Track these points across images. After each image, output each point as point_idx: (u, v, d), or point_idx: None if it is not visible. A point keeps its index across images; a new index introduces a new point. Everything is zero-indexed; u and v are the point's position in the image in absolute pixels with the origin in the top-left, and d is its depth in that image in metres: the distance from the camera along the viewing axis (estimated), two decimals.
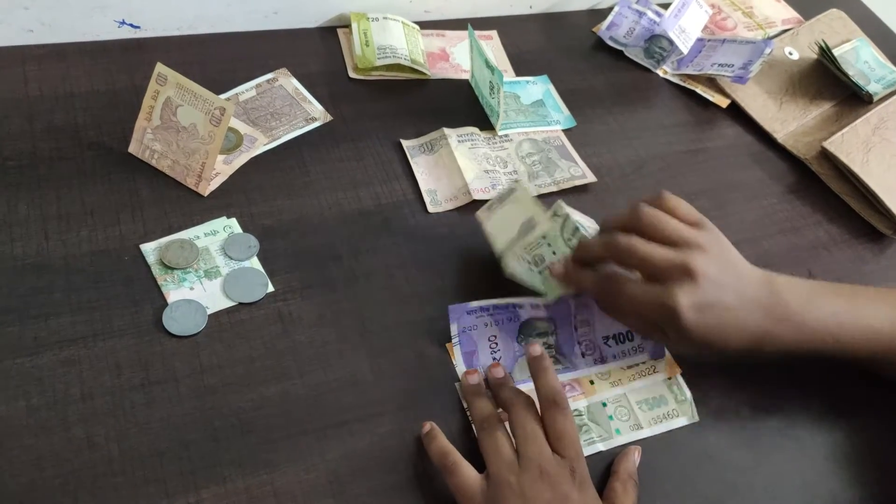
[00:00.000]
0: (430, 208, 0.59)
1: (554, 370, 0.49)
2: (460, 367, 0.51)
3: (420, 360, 0.51)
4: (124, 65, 0.63)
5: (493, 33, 0.76)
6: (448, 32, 0.74)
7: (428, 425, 0.47)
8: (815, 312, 0.49)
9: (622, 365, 0.52)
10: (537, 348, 0.50)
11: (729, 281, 0.47)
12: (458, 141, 0.63)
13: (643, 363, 0.53)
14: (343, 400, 0.48)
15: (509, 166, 0.63)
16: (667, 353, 0.54)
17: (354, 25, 0.69)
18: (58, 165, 0.55)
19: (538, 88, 0.72)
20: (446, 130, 0.64)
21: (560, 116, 0.70)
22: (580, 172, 0.65)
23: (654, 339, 0.53)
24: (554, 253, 0.51)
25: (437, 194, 0.60)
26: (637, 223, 0.48)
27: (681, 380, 0.53)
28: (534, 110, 0.69)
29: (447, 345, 0.51)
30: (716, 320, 0.46)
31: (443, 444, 0.46)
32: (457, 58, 0.72)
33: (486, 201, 0.57)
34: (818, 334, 0.49)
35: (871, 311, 0.50)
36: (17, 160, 0.55)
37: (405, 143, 0.63)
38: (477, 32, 0.74)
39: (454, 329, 0.51)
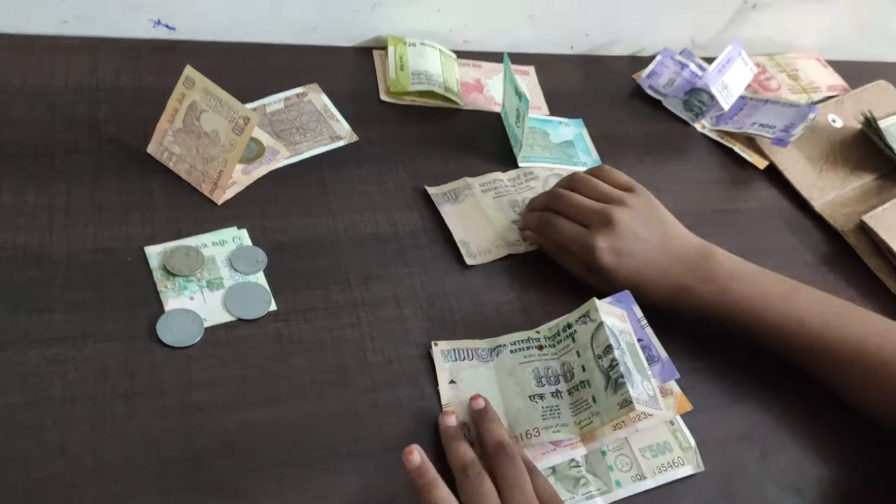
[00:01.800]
0: (468, 260, 0.56)
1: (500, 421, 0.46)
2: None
3: (420, 401, 0.48)
4: (154, 65, 0.62)
5: (531, 69, 0.75)
6: (485, 64, 0.73)
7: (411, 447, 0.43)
8: (744, 287, 0.53)
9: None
10: (480, 401, 0.47)
11: (649, 236, 0.54)
12: (482, 191, 0.61)
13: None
14: (334, 433, 0.45)
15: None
16: (675, 388, 0.50)
17: (391, 49, 0.68)
18: (73, 158, 0.54)
19: (570, 130, 0.70)
20: (469, 180, 0.61)
21: (588, 159, 0.68)
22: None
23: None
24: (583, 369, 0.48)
25: (470, 246, 0.57)
26: (575, 184, 0.57)
27: (682, 423, 0.49)
28: (561, 150, 0.68)
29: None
30: (634, 266, 0.53)
31: (424, 460, 0.42)
32: (491, 90, 0.71)
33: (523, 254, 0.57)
34: (740, 306, 0.52)
35: (806, 306, 0.52)
36: (34, 148, 0.54)
37: (431, 191, 0.60)
38: (514, 66, 0.73)
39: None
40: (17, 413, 0.42)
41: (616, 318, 0.49)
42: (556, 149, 0.67)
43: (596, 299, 0.49)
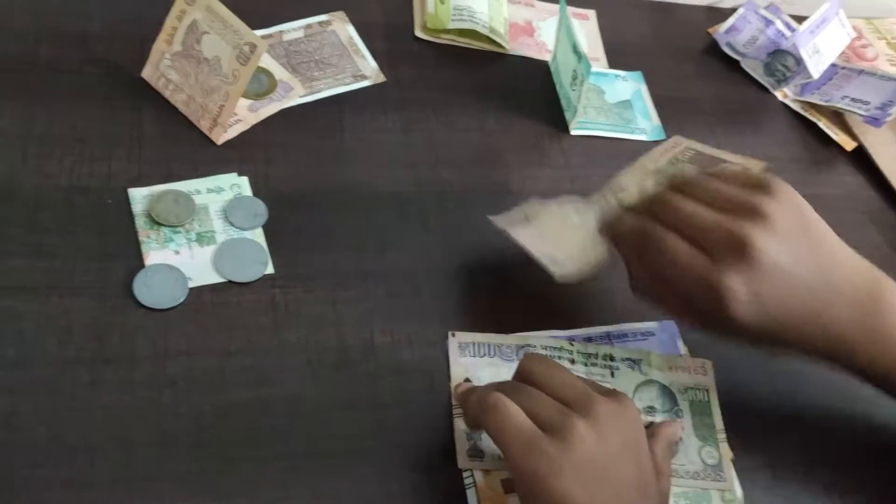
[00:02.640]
0: (559, 277, 0.43)
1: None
2: None
3: (429, 393, 0.42)
4: None
5: (591, 13, 0.65)
6: (539, 3, 0.64)
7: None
8: None
9: None
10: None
11: (801, 266, 0.37)
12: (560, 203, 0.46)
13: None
14: (326, 424, 0.39)
15: None
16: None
17: None
18: (56, 78, 0.47)
19: (628, 86, 0.61)
20: (537, 203, 0.47)
21: (647, 125, 0.59)
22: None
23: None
24: None
25: (556, 257, 0.44)
26: (688, 187, 0.39)
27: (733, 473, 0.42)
28: (618, 112, 0.59)
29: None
30: (777, 313, 0.36)
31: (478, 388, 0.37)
32: (543, 35, 0.62)
33: None
34: None
35: None
36: (11, 63, 0.47)
37: (494, 219, 0.46)
38: (572, 9, 0.64)
39: None
40: None
41: (686, 371, 0.43)
42: (612, 111, 0.58)
43: (655, 353, 0.42)
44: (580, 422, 0.34)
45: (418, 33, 0.58)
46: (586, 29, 0.64)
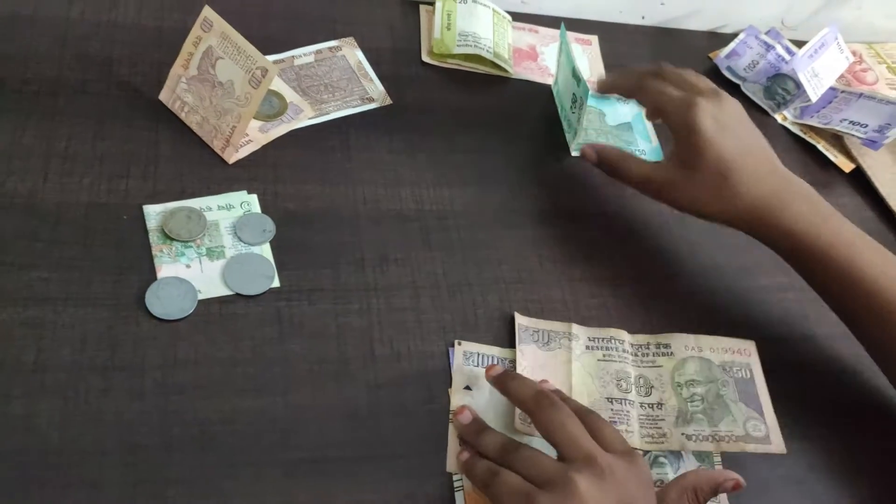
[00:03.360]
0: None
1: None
2: None
3: (428, 404, 0.43)
4: (179, 3, 0.57)
5: (594, 38, 0.67)
6: (542, 29, 0.66)
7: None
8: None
9: None
10: (497, 367, 0.43)
11: (751, 129, 0.49)
12: (587, 347, 0.46)
13: None
14: (327, 433, 0.41)
15: (654, 395, 0.45)
16: None
17: (439, 5, 0.61)
18: (79, 99, 0.50)
19: (629, 109, 0.62)
20: (575, 328, 0.47)
21: (647, 146, 0.60)
22: (763, 433, 0.44)
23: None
24: None
25: None
26: (668, 74, 0.51)
27: None
28: (618, 134, 0.60)
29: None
30: (733, 145, 0.47)
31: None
32: (546, 59, 0.64)
33: None
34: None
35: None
36: (37, 85, 0.49)
37: (519, 320, 0.47)
38: (575, 35, 0.66)
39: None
40: None
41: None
42: (612, 133, 0.60)
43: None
44: (578, 476, 0.35)
45: (425, 58, 0.60)
46: (589, 53, 0.66)
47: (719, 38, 0.70)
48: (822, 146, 0.64)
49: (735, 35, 0.69)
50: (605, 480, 0.36)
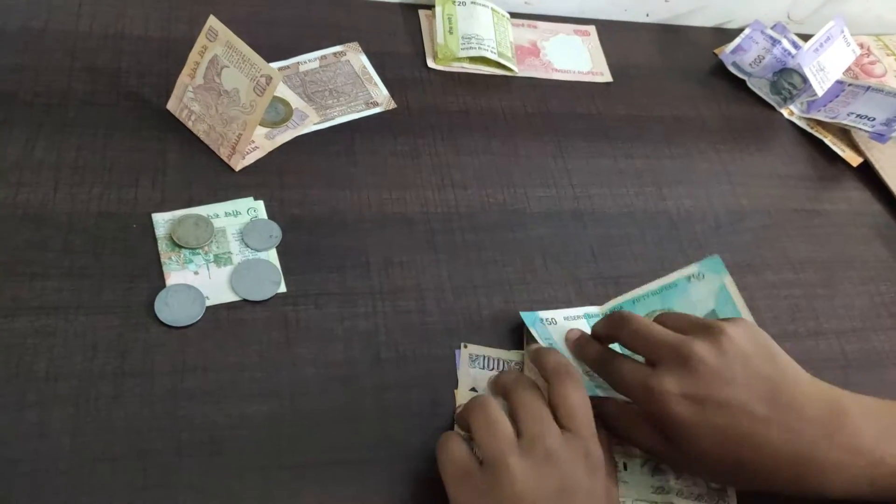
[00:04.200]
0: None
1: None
2: None
3: (433, 407, 0.43)
4: (186, 13, 0.58)
5: (591, 28, 0.66)
6: (541, 24, 0.66)
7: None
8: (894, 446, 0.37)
9: None
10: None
11: (749, 380, 0.37)
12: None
13: None
14: (334, 436, 0.41)
15: None
16: None
17: (438, 9, 0.62)
18: (88, 110, 0.50)
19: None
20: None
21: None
22: None
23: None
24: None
25: None
26: (659, 316, 0.42)
27: None
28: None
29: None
30: (727, 422, 0.36)
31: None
32: (548, 54, 0.64)
33: None
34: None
35: None
36: (47, 97, 0.50)
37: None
38: (573, 27, 0.65)
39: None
40: None
41: None
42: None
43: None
44: (514, 459, 0.34)
45: (430, 64, 0.60)
46: (588, 45, 0.66)
47: (725, 34, 0.70)
48: (829, 140, 0.64)
49: (740, 30, 0.69)
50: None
